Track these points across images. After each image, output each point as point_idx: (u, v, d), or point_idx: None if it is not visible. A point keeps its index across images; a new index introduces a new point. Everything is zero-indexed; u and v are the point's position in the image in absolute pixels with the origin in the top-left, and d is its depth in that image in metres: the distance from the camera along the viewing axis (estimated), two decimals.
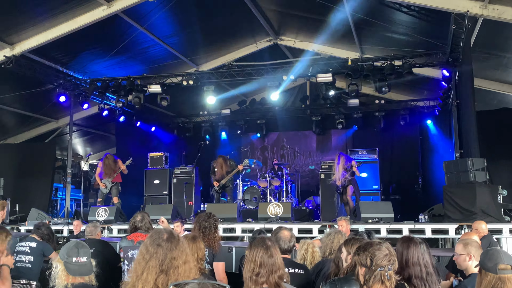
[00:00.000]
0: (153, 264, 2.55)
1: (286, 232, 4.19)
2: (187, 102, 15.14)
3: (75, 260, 3.15)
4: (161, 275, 2.52)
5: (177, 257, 2.58)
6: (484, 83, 11.80)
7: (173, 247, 2.60)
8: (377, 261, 2.84)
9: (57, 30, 10.33)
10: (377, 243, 2.95)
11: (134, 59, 12.47)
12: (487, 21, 8.88)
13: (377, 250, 2.88)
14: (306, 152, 16.63)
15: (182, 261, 2.58)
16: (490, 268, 2.91)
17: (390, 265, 2.84)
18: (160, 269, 2.53)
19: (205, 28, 11.76)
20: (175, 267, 2.55)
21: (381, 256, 2.85)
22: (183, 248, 2.63)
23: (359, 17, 10.37)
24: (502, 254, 2.98)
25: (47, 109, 13.90)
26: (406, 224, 8.55)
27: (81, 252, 3.19)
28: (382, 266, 2.82)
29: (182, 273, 2.55)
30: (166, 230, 2.73)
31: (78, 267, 3.14)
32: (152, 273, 2.53)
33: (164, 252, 2.58)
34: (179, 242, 2.64)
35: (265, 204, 9.98)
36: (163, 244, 2.60)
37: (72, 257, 3.15)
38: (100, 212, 10.01)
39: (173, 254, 2.58)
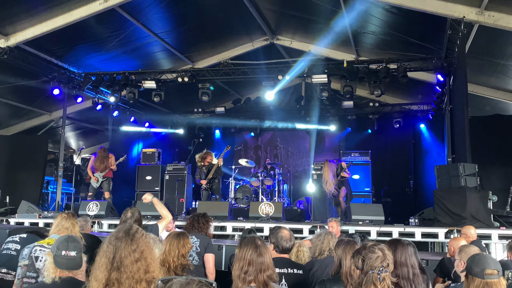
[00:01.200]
0: (104, 261, 2.58)
1: (285, 231, 4.20)
2: (181, 99, 15.12)
3: (64, 253, 3.14)
4: (113, 272, 2.54)
5: (127, 256, 2.57)
6: (478, 89, 11.87)
7: (122, 246, 2.60)
8: (369, 263, 2.87)
9: (53, 22, 10.27)
10: (370, 246, 2.97)
11: (129, 54, 12.42)
12: (483, 27, 8.93)
13: (369, 252, 2.91)
14: (299, 152, 16.66)
15: (133, 259, 2.57)
16: (477, 273, 2.94)
17: (381, 267, 2.85)
18: (112, 266, 2.56)
19: (202, 25, 11.74)
20: (125, 265, 2.55)
21: (373, 258, 2.87)
22: (135, 246, 2.62)
23: (355, 19, 10.39)
24: (489, 259, 3.01)
25: (41, 101, 13.83)
26: (396, 227, 8.59)
27: (70, 246, 3.17)
28: (374, 268, 2.85)
29: (135, 270, 2.56)
30: (125, 227, 2.73)
31: (66, 260, 3.13)
32: (103, 270, 2.56)
33: (114, 250, 2.59)
34: (132, 241, 2.63)
35: (256, 203, 9.99)
36: (114, 243, 2.62)
37: (61, 250, 3.14)
38: (91, 206, 9.99)
39: (121, 253, 2.58)
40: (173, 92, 13.31)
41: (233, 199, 12.64)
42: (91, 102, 13.73)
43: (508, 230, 7.94)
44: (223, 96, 16.06)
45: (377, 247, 2.95)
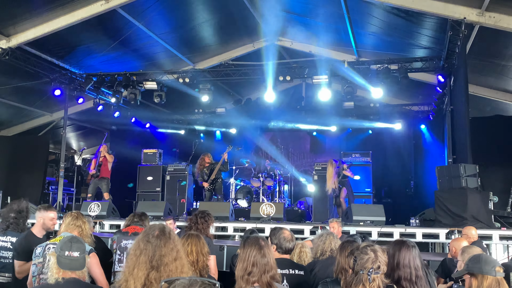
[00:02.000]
0: (143, 260, 2.58)
1: (287, 232, 4.22)
2: (182, 100, 15.13)
3: (67, 254, 3.16)
4: (152, 271, 2.54)
5: (166, 254, 2.59)
6: (479, 89, 11.87)
7: (162, 244, 2.61)
8: (360, 264, 2.90)
9: (54, 23, 10.29)
10: (363, 247, 2.99)
11: (130, 55, 12.44)
12: (484, 28, 8.94)
13: (362, 253, 2.94)
14: (300, 153, 16.67)
15: (172, 258, 2.59)
16: (489, 271, 2.96)
17: (371, 268, 2.88)
18: (151, 266, 2.55)
19: (203, 26, 11.76)
20: (165, 264, 2.56)
21: (364, 259, 2.90)
22: (173, 245, 2.64)
23: (356, 20, 10.41)
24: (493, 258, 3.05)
25: (42, 102, 13.85)
26: (397, 227, 8.60)
27: (74, 247, 3.19)
28: (364, 268, 2.87)
29: (173, 269, 2.57)
30: (159, 226, 2.75)
31: (69, 261, 3.14)
32: (142, 269, 2.56)
33: (153, 248, 2.60)
34: (170, 239, 2.65)
35: (257, 204, 10.00)
36: (152, 241, 2.63)
37: (64, 250, 3.16)
38: (93, 207, 9.99)
39: (162, 251, 2.59)
40: (174, 93, 13.33)
41: (234, 200, 12.65)
42: (92, 102, 13.75)
43: (508, 230, 7.96)
44: (224, 97, 16.07)
45: (370, 248, 2.97)
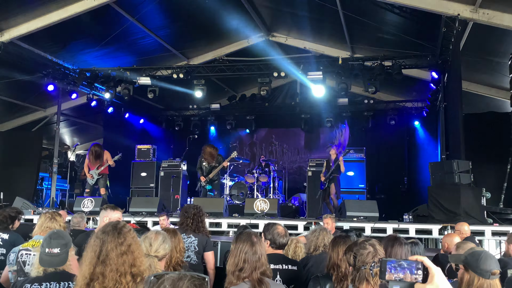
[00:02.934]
0: (91, 255, 2.60)
1: (281, 227, 4.23)
2: (176, 96, 15.09)
3: (48, 251, 3.14)
4: (98, 265, 2.56)
5: (113, 249, 2.59)
6: (472, 86, 11.93)
7: (109, 239, 2.62)
8: (361, 259, 2.88)
9: (47, 18, 10.22)
10: (361, 242, 2.98)
11: (124, 50, 12.39)
12: (477, 25, 8.97)
13: (361, 248, 2.91)
14: (294, 149, 16.69)
15: (119, 252, 2.59)
16: (483, 272, 2.83)
17: (373, 262, 2.86)
18: (97, 260, 2.58)
19: (197, 21, 11.72)
20: (110, 258, 2.57)
21: (364, 254, 2.88)
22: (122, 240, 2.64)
23: (351, 16, 10.40)
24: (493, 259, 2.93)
25: (35, 97, 13.77)
26: (390, 223, 8.62)
27: (53, 243, 3.17)
28: (366, 264, 2.86)
29: (120, 263, 2.58)
30: (113, 223, 2.77)
31: (49, 258, 3.13)
32: (88, 264, 2.58)
33: (101, 243, 2.62)
34: (119, 234, 2.66)
35: (251, 200, 10.00)
36: (101, 236, 2.64)
37: (45, 247, 3.15)
38: (86, 203, 9.96)
39: (108, 246, 2.60)
40: (168, 89, 13.29)
41: (228, 196, 12.65)
42: (85, 98, 13.69)
43: (501, 226, 8.01)
44: (218, 93, 16.05)
45: (368, 242, 2.96)
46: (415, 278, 1.76)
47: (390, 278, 1.75)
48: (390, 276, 1.75)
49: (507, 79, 8.87)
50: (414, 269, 1.77)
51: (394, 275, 1.75)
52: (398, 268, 1.76)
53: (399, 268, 1.76)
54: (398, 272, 1.76)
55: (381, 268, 1.77)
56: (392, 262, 1.77)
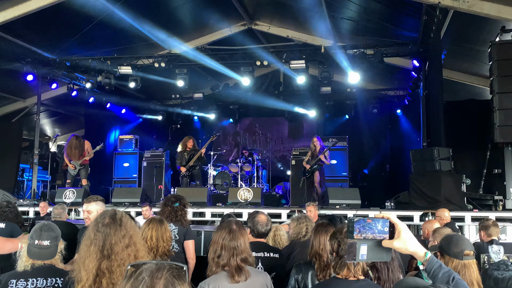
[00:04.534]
0: (94, 250, 2.51)
1: (263, 216, 4.24)
2: (159, 85, 14.95)
3: (37, 243, 3.07)
4: (103, 261, 2.48)
5: (117, 242, 2.52)
6: (453, 74, 12.05)
7: (112, 232, 2.54)
8: (344, 248, 2.90)
9: (25, 6, 9.98)
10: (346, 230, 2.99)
11: (105, 39, 12.17)
12: (458, 13, 9.03)
13: (345, 237, 2.94)
14: (278, 138, 16.72)
15: (123, 246, 2.52)
16: (456, 254, 2.90)
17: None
18: (102, 255, 2.49)
19: (179, 10, 11.59)
20: (116, 252, 2.49)
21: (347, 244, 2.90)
22: (124, 232, 2.57)
23: (333, 4, 10.39)
24: (465, 240, 3.03)
25: (14, 87, 13.53)
26: (372, 210, 8.75)
27: (43, 235, 3.10)
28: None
29: (125, 257, 2.51)
30: (110, 213, 2.66)
31: (38, 250, 3.07)
32: (93, 259, 2.49)
33: (103, 237, 2.53)
34: (120, 226, 2.57)
35: (235, 189, 10.02)
36: (102, 230, 2.55)
37: (34, 239, 3.08)
38: (68, 194, 9.87)
39: (112, 239, 2.52)
40: (150, 78, 13.15)
41: (212, 185, 12.64)
42: (66, 88, 13.49)
43: (480, 212, 8.15)
44: (201, 82, 15.93)
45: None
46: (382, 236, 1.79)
47: (359, 237, 1.77)
48: (358, 235, 1.77)
49: (487, 67, 8.97)
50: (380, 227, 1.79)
51: (363, 234, 1.77)
52: (366, 227, 1.78)
53: (368, 227, 1.78)
54: (367, 231, 1.78)
55: (349, 228, 1.78)
56: (359, 222, 1.78)
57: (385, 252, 1.81)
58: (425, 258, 1.91)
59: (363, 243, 1.77)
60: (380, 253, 1.80)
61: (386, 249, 1.81)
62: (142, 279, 1.46)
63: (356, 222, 1.78)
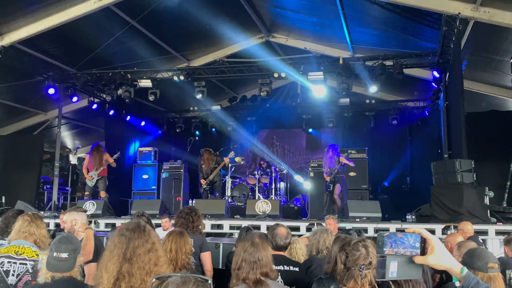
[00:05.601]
0: (117, 253, 2.56)
1: (282, 229, 4.20)
2: (177, 97, 15.08)
3: (55, 255, 3.07)
4: (124, 264, 2.52)
5: (139, 245, 2.57)
6: (474, 85, 11.88)
7: (135, 236, 2.60)
8: (352, 260, 2.88)
9: (47, 21, 10.21)
10: (355, 242, 2.97)
11: (125, 53, 12.35)
12: (478, 23, 8.93)
13: (353, 249, 2.91)
14: (296, 150, 16.66)
15: (145, 250, 2.57)
16: (481, 267, 2.88)
17: (363, 265, 2.86)
18: (124, 258, 2.53)
19: (197, 23, 11.70)
20: (137, 255, 2.54)
21: (356, 255, 2.88)
22: (148, 237, 2.63)
23: (351, 16, 10.38)
24: (489, 253, 2.99)
25: (36, 101, 13.77)
26: (393, 223, 8.59)
27: (62, 248, 3.09)
28: (356, 265, 2.85)
29: (146, 261, 2.54)
30: (134, 221, 2.74)
31: (57, 262, 3.06)
32: (115, 262, 2.53)
33: (127, 240, 2.58)
34: (144, 232, 2.64)
35: (253, 201, 9.97)
36: (126, 234, 2.61)
37: (53, 251, 3.08)
38: (88, 205, 9.94)
39: (135, 242, 2.58)
40: (169, 91, 13.27)
41: (230, 197, 12.62)
42: (86, 101, 13.68)
43: (504, 225, 7.96)
44: (219, 94, 16.04)
45: (361, 244, 2.95)
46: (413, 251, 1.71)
47: (390, 253, 1.68)
48: (389, 250, 1.69)
49: (509, 77, 8.85)
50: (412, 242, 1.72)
51: (395, 249, 1.69)
52: (398, 242, 1.70)
53: (399, 242, 1.70)
54: (399, 246, 1.70)
55: (379, 243, 1.70)
56: (390, 236, 1.70)
57: (416, 269, 1.73)
58: (462, 274, 1.82)
59: (393, 259, 1.68)
60: (411, 270, 1.72)
61: (416, 265, 1.73)
62: None
63: (387, 237, 1.69)
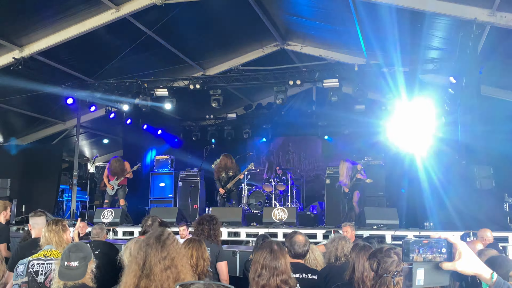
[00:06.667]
0: (134, 268, 2.54)
1: (300, 237, 4.20)
2: (193, 106, 15.20)
3: (66, 264, 3.14)
4: (142, 279, 2.49)
5: (156, 263, 2.52)
6: (491, 90, 11.74)
7: (153, 252, 2.55)
8: (384, 267, 2.85)
9: (66, 32, 10.40)
10: (386, 249, 2.95)
11: (142, 63, 12.51)
12: (495, 28, 8.86)
13: (385, 256, 2.89)
14: (311, 157, 16.62)
15: (163, 267, 2.52)
16: (502, 275, 2.86)
17: (396, 271, 2.83)
18: (141, 273, 2.50)
19: (213, 32, 11.81)
20: (154, 273, 2.50)
21: (388, 262, 2.86)
22: (166, 254, 2.57)
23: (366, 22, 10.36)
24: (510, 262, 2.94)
25: (55, 111, 13.99)
26: (411, 231, 8.52)
27: (72, 257, 3.17)
28: (389, 272, 2.83)
29: (165, 278, 2.50)
30: (157, 233, 2.69)
31: (68, 271, 3.13)
32: (132, 277, 2.51)
33: (144, 257, 2.55)
34: (163, 247, 2.58)
35: (269, 209, 9.96)
36: (144, 249, 2.58)
37: (64, 260, 3.16)
38: (106, 214, 10.04)
39: (152, 260, 2.53)
40: (185, 99, 13.38)
41: (246, 205, 12.63)
42: (104, 110, 13.86)
43: None
44: (234, 102, 16.11)
45: (393, 251, 2.93)
46: (440, 257, 1.66)
47: (417, 259, 1.63)
48: (417, 257, 1.64)
49: None
50: (438, 248, 1.67)
51: (422, 255, 1.64)
52: (426, 248, 1.65)
53: (427, 248, 1.65)
54: (426, 252, 1.65)
55: (404, 250, 1.65)
56: (416, 243, 1.65)
57: (443, 276, 1.68)
58: (492, 280, 1.75)
59: (419, 266, 1.64)
60: (438, 277, 1.67)
61: (443, 272, 1.68)
62: None
63: (413, 243, 1.65)
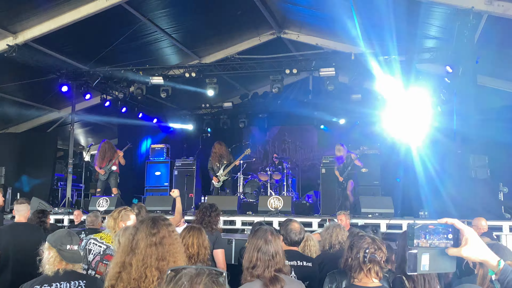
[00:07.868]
0: (124, 243, 2.56)
1: (296, 224, 4.21)
2: (189, 95, 15.13)
3: (69, 247, 3.29)
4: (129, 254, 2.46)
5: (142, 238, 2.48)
6: (487, 80, 11.75)
7: (142, 228, 2.53)
8: (357, 246, 2.90)
9: (60, 19, 10.30)
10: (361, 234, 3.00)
11: (137, 50, 12.42)
12: (492, 17, 8.83)
13: (359, 239, 2.95)
14: (307, 146, 16.63)
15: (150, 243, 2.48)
16: None
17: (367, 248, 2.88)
18: (129, 248, 2.48)
19: (209, 20, 11.73)
20: (139, 247, 2.46)
21: (360, 241, 2.91)
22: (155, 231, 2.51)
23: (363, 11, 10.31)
24: (506, 249, 2.96)
25: (50, 99, 13.90)
26: (406, 219, 8.57)
27: (74, 240, 3.34)
28: (360, 249, 2.87)
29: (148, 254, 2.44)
30: (154, 215, 2.70)
31: (71, 254, 3.28)
32: (121, 252, 2.52)
33: (135, 231, 2.54)
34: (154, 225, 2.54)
35: (265, 198, 9.99)
36: (137, 225, 2.59)
37: (66, 244, 3.29)
38: (101, 202, 10.04)
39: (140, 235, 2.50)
40: (180, 88, 13.31)
41: (242, 194, 12.64)
42: (99, 98, 13.77)
43: None
44: (231, 91, 16.06)
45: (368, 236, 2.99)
46: (447, 243, 1.61)
47: (423, 245, 1.59)
48: (423, 242, 1.59)
49: None
50: (445, 234, 1.62)
51: (429, 241, 1.60)
52: (432, 233, 1.60)
53: (434, 233, 1.61)
54: (432, 237, 1.60)
55: (409, 235, 1.61)
56: (422, 227, 1.60)
57: (449, 262, 1.65)
58: (499, 267, 1.69)
59: (424, 252, 1.60)
60: (444, 263, 1.63)
61: (450, 258, 1.64)
62: (182, 283, 1.45)
63: (418, 228, 1.62)
